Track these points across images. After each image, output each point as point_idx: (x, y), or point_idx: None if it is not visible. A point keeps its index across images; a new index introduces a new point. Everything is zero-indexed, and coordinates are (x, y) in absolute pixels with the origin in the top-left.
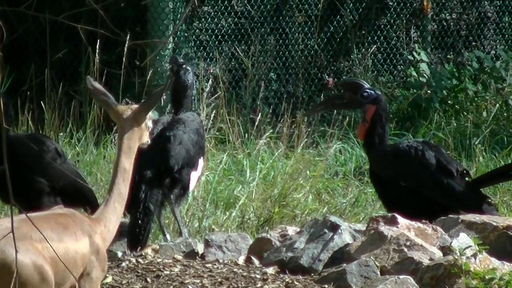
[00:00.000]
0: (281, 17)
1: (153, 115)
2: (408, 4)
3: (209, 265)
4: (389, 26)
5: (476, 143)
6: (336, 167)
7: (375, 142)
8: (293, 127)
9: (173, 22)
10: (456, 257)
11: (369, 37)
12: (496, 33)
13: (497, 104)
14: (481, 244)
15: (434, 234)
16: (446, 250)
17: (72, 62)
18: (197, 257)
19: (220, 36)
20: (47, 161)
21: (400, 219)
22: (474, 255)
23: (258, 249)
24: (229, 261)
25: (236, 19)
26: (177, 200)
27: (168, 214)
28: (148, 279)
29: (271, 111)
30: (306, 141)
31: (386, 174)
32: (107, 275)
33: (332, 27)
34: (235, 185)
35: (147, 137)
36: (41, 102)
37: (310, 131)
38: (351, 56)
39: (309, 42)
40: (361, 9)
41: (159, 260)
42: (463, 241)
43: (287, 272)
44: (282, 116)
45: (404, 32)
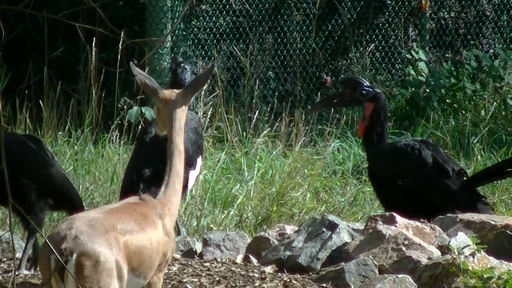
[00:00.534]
0: (279, 16)
1: (150, 114)
2: (406, 3)
3: (207, 264)
4: (387, 24)
5: (474, 141)
6: (334, 166)
7: (373, 140)
8: (291, 125)
9: (171, 20)
10: (454, 256)
11: (367, 36)
12: (495, 31)
13: (495, 103)
14: (479, 243)
15: (432, 233)
16: (445, 249)
17: (70, 61)
18: (195, 256)
19: (218, 35)
20: (36, 163)
21: (398, 218)
22: (472, 254)
23: (256, 248)
24: (227, 260)
25: (234, 17)
26: None
27: None
28: None
29: (269, 109)
30: (304, 139)
31: (383, 173)
32: None
33: (330, 26)
34: (233, 184)
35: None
36: (40, 100)
37: (308, 129)
38: (349, 54)
39: (307, 40)
40: (359, 8)
41: None
42: (461, 240)
43: (285, 271)
44: (280, 115)
45: (402, 31)
